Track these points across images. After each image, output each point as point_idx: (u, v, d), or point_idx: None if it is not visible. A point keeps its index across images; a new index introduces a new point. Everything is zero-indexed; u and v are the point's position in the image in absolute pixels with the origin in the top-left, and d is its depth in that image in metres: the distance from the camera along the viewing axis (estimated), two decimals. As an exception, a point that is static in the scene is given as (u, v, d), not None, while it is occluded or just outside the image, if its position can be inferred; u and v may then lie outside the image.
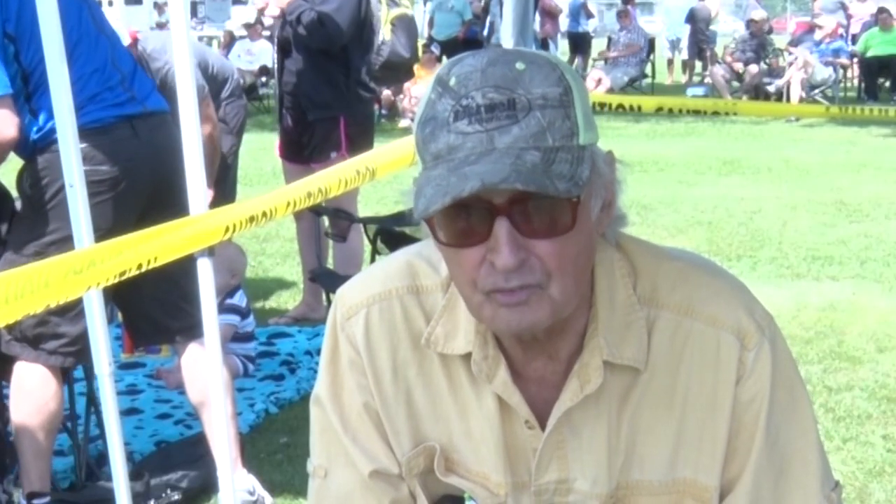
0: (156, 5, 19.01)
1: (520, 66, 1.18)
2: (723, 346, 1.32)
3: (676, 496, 1.37)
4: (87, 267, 2.15)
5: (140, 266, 2.27)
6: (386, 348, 1.39)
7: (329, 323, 1.44)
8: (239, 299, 4.65)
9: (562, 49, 21.29)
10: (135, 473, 3.21)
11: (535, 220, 1.18)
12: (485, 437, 1.38)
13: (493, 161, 1.14)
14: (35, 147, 2.96)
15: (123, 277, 2.25)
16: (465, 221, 1.19)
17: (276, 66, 5.26)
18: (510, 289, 1.20)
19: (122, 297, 3.17)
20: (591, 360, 1.31)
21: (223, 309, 4.50)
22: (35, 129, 2.94)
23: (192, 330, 3.05)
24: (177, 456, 3.55)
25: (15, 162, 3.08)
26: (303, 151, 5.15)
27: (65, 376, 3.24)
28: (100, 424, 3.44)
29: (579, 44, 19.73)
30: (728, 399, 1.33)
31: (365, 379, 1.40)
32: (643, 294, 1.33)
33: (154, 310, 3.22)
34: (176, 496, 3.36)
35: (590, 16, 20.00)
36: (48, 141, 2.89)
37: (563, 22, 19.98)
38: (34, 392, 3.04)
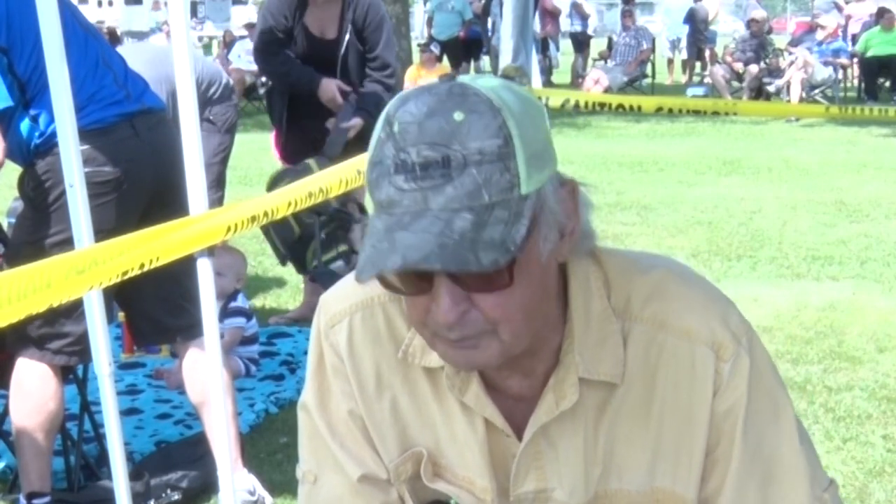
0: (155, 3, 19.03)
1: (458, 116, 1.14)
2: (698, 359, 1.31)
3: None
4: (89, 266, 2.15)
5: (142, 266, 2.27)
6: (369, 357, 1.40)
7: (313, 330, 1.45)
8: (242, 302, 4.67)
9: (564, 49, 21.33)
10: (135, 473, 3.21)
11: (474, 277, 1.16)
12: (469, 442, 1.38)
13: (421, 229, 1.12)
14: (37, 151, 2.96)
15: (126, 277, 2.25)
16: (407, 274, 1.19)
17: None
18: (453, 339, 1.21)
19: (125, 296, 3.17)
20: (567, 376, 1.31)
21: (229, 313, 4.53)
22: (37, 133, 2.94)
23: (193, 329, 3.05)
24: (177, 456, 3.55)
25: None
26: (311, 154, 5.13)
27: (66, 376, 3.24)
28: (94, 425, 3.46)
29: (576, 43, 19.75)
30: (705, 412, 1.32)
31: (349, 386, 1.41)
32: (617, 307, 1.32)
33: (156, 309, 3.22)
34: (176, 496, 3.36)
35: (584, 16, 19.95)
36: (50, 144, 2.88)
37: (565, 22, 19.99)
38: (34, 391, 3.05)
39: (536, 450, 1.36)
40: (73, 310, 2.84)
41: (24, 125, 2.94)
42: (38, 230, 2.98)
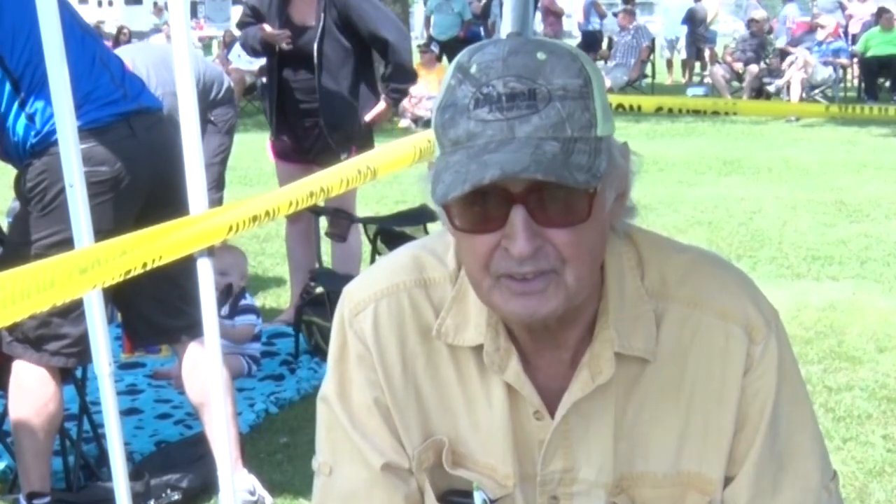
0: (155, 6, 19.02)
1: (541, 56, 1.19)
2: (731, 338, 1.34)
3: (680, 489, 1.38)
4: (92, 266, 2.15)
5: (145, 265, 2.27)
6: (395, 342, 1.39)
7: (336, 321, 1.44)
8: (249, 300, 4.70)
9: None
10: (135, 473, 3.21)
11: (551, 209, 1.20)
12: (493, 429, 1.38)
13: (512, 150, 1.15)
14: (33, 151, 2.95)
15: (129, 276, 2.25)
16: (481, 208, 1.21)
17: (272, 73, 5.10)
18: (523, 274, 1.21)
19: (122, 297, 3.17)
20: (603, 351, 1.32)
21: (240, 310, 4.55)
22: (33, 133, 2.93)
23: (192, 330, 3.05)
24: (177, 456, 3.55)
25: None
26: (306, 154, 5.12)
27: (66, 377, 3.23)
28: (92, 426, 3.46)
29: (591, 42, 19.79)
30: (735, 392, 1.34)
31: (375, 374, 1.40)
32: (652, 286, 1.35)
33: (153, 310, 3.21)
34: (176, 496, 3.36)
35: (602, 15, 20.03)
36: (46, 144, 2.88)
37: (566, 22, 19.99)
38: (33, 393, 3.04)
39: (566, 428, 1.36)
40: (71, 311, 2.83)
41: (21, 124, 2.93)
42: (34, 231, 2.97)
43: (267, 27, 4.97)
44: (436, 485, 1.43)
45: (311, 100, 4.98)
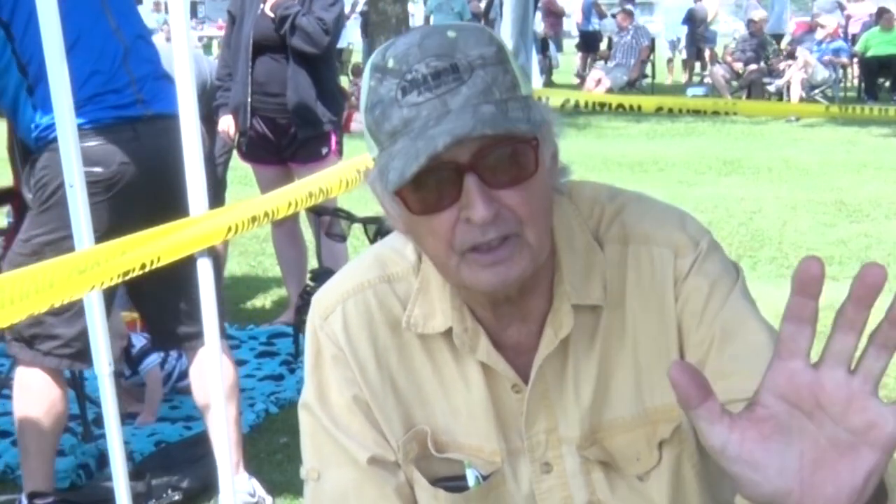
0: (156, 5, 18.99)
1: (451, 34, 1.23)
2: (657, 259, 1.36)
3: (651, 426, 1.39)
4: (90, 267, 2.16)
5: (143, 266, 2.28)
6: (366, 338, 1.42)
7: (308, 328, 1.47)
8: (136, 339, 4.15)
9: (568, 49, 21.37)
10: (136, 473, 3.21)
11: (500, 170, 1.22)
12: (473, 409, 1.40)
13: (453, 119, 1.18)
14: (37, 144, 2.95)
15: (127, 277, 2.25)
16: (434, 186, 1.23)
17: (245, 65, 5.04)
18: (488, 242, 1.24)
19: (144, 304, 3.16)
20: (561, 306, 1.35)
21: (138, 357, 4.14)
22: (34, 125, 2.92)
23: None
24: (177, 456, 3.55)
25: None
26: (282, 152, 5.11)
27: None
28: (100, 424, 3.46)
29: (590, 42, 19.81)
30: (672, 309, 1.36)
31: (351, 372, 1.42)
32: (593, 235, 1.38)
33: (171, 317, 3.20)
34: (176, 496, 3.36)
35: (602, 15, 20.05)
36: (47, 139, 2.87)
37: (566, 22, 20.01)
38: (38, 395, 3.02)
39: (543, 388, 1.39)
40: (64, 311, 2.80)
41: (28, 112, 2.93)
42: (35, 227, 2.96)
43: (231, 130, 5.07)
44: (425, 474, 1.44)
45: (286, 93, 4.99)
